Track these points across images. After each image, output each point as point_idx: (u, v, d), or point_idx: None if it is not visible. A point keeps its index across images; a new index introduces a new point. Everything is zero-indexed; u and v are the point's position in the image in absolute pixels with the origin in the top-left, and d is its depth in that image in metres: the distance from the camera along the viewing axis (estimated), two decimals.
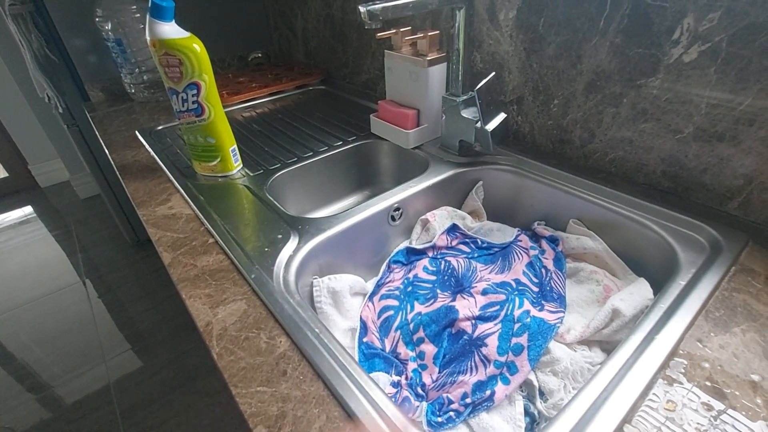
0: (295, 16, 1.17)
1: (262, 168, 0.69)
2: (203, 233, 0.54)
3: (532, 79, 0.64)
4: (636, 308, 0.43)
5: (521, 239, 0.58)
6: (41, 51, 1.15)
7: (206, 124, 0.62)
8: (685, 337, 0.36)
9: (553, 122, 0.64)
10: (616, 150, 0.58)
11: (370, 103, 0.93)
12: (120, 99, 1.10)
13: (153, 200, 0.63)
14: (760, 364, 0.33)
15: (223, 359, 0.37)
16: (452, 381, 0.42)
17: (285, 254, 0.48)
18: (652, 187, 0.56)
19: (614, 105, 0.56)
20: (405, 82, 0.68)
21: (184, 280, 0.46)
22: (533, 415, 0.40)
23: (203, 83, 0.59)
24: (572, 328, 0.46)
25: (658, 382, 0.33)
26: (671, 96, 0.50)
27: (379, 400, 0.32)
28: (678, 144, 0.51)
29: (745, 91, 0.44)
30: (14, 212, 2.13)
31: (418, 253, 0.59)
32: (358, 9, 0.47)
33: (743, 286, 0.41)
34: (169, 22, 0.56)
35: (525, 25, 0.61)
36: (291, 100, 1.02)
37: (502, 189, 0.65)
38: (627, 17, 0.50)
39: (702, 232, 0.47)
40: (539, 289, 0.51)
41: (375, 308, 0.52)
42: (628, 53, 0.52)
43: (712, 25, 0.44)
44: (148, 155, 0.77)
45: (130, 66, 1.04)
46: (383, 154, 0.77)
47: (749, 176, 0.47)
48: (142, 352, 1.33)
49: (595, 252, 0.53)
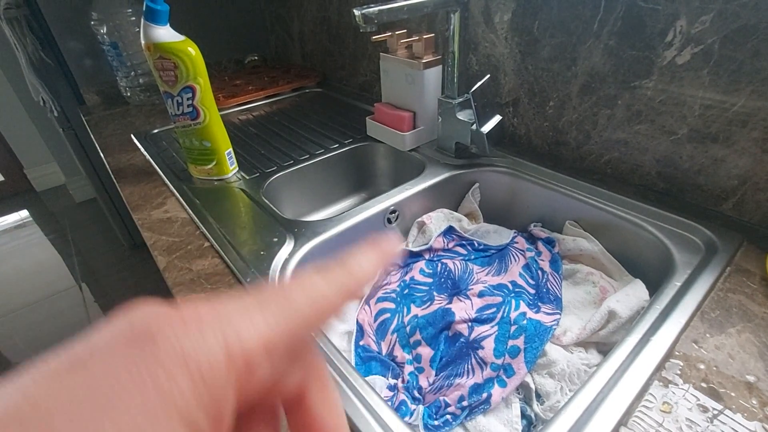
0: (292, 19, 1.18)
1: (258, 171, 0.69)
2: (199, 237, 0.54)
3: (528, 81, 0.64)
4: (632, 309, 0.43)
5: (518, 241, 0.58)
6: (36, 54, 1.14)
7: (201, 128, 0.62)
8: (680, 339, 0.36)
9: (549, 124, 0.64)
10: (611, 151, 0.58)
11: (366, 105, 0.93)
12: (115, 102, 1.10)
13: (148, 204, 0.63)
14: (756, 364, 0.34)
15: None
16: (449, 384, 0.42)
17: (281, 258, 0.48)
18: (647, 188, 0.56)
19: (609, 107, 0.56)
20: (401, 84, 0.69)
21: (179, 285, 0.46)
22: (530, 418, 0.40)
23: (198, 87, 0.59)
24: (569, 329, 0.46)
25: (654, 383, 0.33)
26: (665, 98, 0.50)
27: (375, 403, 0.32)
28: (672, 145, 0.52)
29: (738, 93, 0.45)
30: (10, 216, 2.12)
31: (415, 255, 0.58)
32: (352, 12, 0.47)
33: (738, 286, 0.41)
34: (164, 25, 0.55)
35: (520, 27, 0.62)
36: (287, 103, 1.02)
37: (499, 191, 0.65)
38: (620, 20, 0.51)
39: (697, 233, 0.47)
40: (536, 291, 0.51)
41: (371, 311, 0.52)
42: (622, 55, 0.52)
43: (705, 27, 0.44)
44: (144, 159, 0.77)
45: (125, 69, 1.03)
46: (379, 156, 0.77)
47: (743, 177, 0.47)
48: None
49: (592, 253, 0.53)
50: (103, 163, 1.06)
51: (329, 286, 0.14)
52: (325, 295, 0.14)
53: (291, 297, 0.13)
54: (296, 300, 0.13)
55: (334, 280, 0.15)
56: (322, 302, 0.14)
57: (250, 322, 0.12)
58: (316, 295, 0.14)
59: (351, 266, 0.15)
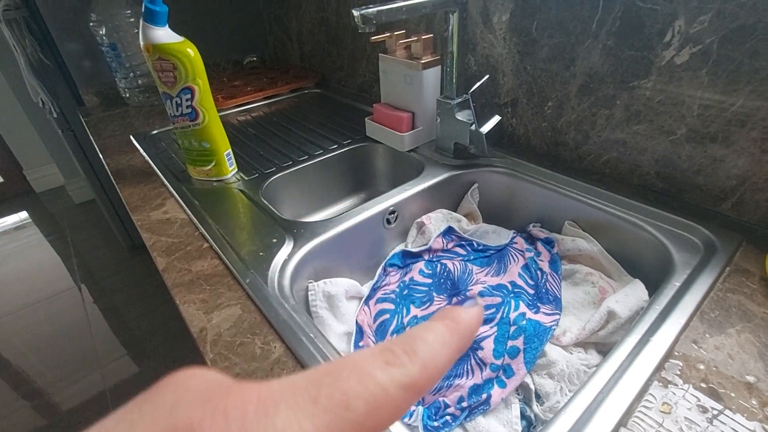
0: (290, 20, 1.18)
1: (257, 172, 0.69)
2: (198, 238, 0.54)
3: (526, 82, 0.64)
4: (631, 310, 0.43)
5: (517, 241, 0.58)
6: (35, 56, 1.14)
7: (200, 129, 0.62)
8: (680, 339, 0.36)
9: (548, 124, 0.64)
10: (610, 151, 0.58)
11: (365, 106, 0.93)
12: (114, 103, 1.10)
13: (147, 205, 0.63)
14: (756, 365, 0.34)
15: (217, 365, 0.37)
16: (448, 385, 0.42)
17: (280, 258, 0.48)
18: (646, 188, 0.56)
19: (607, 107, 0.56)
20: (400, 85, 0.69)
21: (178, 286, 0.46)
22: (529, 419, 0.40)
23: (197, 88, 0.59)
24: (568, 330, 0.45)
25: (654, 384, 0.33)
26: (664, 98, 0.50)
27: None
28: (671, 145, 0.52)
29: (737, 93, 0.45)
30: (9, 218, 2.12)
31: (414, 256, 0.58)
32: (351, 13, 0.47)
33: (738, 286, 0.41)
34: (163, 26, 0.55)
35: (518, 28, 0.62)
36: (286, 104, 1.02)
37: (498, 191, 0.65)
38: (619, 20, 0.51)
39: (696, 233, 0.47)
40: (535, 292, 0.51)
41: (371, 312, 0.52)
42: (621, 55, 0.52)
43: (703, 27, 0.44)
44: (143, 160, 0.77)
45: (124, 70, 1.03)
46: (378, 157, 0.77)
47: (742, 177, 0.47)
48: (138, 358, 1.32)
49: (591, 254, 0.53)
50: (102, 165, 1.06)
51: (393, 382, 0.12)
52: (387, 393, 0.11)
53: (347, 391, 0.11)
54: (353, 398, 0.11)
55: (400, 373, 0.12)
56: (383, 404, 0.11)
57: (297, 427, 0.10)
58: (376, 392, 0.11)
59: (422, 354, 0.12)
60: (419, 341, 0.13)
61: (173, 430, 0.10)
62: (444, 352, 0.13)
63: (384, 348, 0.12)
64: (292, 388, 0.11)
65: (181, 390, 0.11)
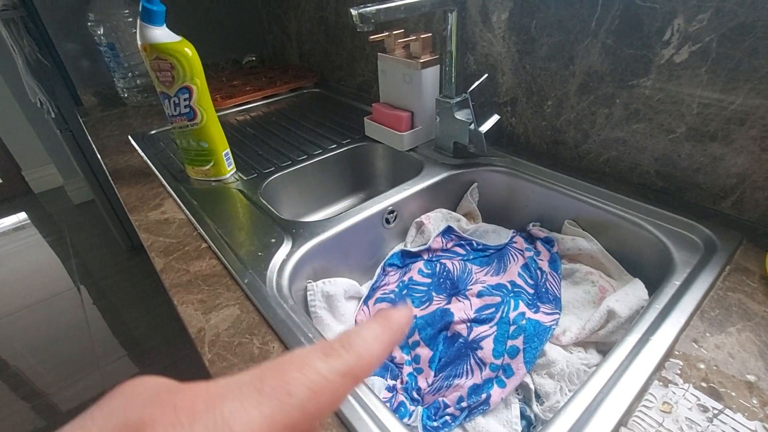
0: (289, 19, 1.17)
1: (255, 172, 0.69)
2: (196, 238, 0.54)
3: (526, 81, 0.64)
4: (631, 309, 0.43)
5: (516, 241, 0.57)
6: (33, 56, 1.14)
7: (199, 128, 0.62)
8: (680, 338, 0.36)
9: (547, 123, 0.64)
10: (609, 150, 0.58)
11: (364, 105, 0.93)
12: (113, 103, 1.10)
13: (145, 205, 0.62)
14: (756, 364, 0.33)
15: (215, 366, 0.36)
16: (448, 385, 0.42)
17: (278, 258, 0.48)
18: (646, 186, 0.56)
19: (607, 105, 0.56)
20: (398, 84, 0.68)
21: (176, 286, 0.46)
22: (529, 418, 0.40)
23: (195, 87, 0.59)
24: (568, 329, 0.45)
25: (654, 383, 0.32)
26: (663, 96, 0.50)
27: (373, 405, 0.32)
28: (671, 144, 0.52)
29: (736, 91, 0.44)
30: (8, 218, 2.12)
31: (413, 255, 0.58)
32: (350, 12, 0.47)
33: (738, 285, 0.41)
34: (161, 26, 0.55)
35: (517, 26, 0.62)
36: (285, 103, 1.02)
37: (497, 190, 0.65)
38: (618, 18, 0.50)
39: (696, 232, 0.47)
40: (534, 291, 0.51)
41: (370, 312, 0.51)
42: (620, 54, 0.52)
43: (702, 25, 0.44)
44: (141, 160, 0.77)
45: (122, 70, 1.03)
46: (378, 156, 0.77)
47: (742, 175, 0.47)
48: (137, 359, 1.32)
49: (590, 253, 0.53)
50: (100, 165, 1.06)
51: (331, 370, 0.13)
52: (326, 380, 0.13)
53: (289, 381, 0.12)
54: (295, 385, 0.12)
55: (338, 362, 0.13)
56: (324, 390, 0.12)
57: (244, 413, 0.11)
58: (316, 379, 0.12)
59: (357, 347, 0.14)
60: (354, 336, 0.14)
61: (125, 427, 0.10)
62: (377, 345, 0.14)
63: (323, 344, 0.14)
64: (238, 384, 0.12)
65: (131, 395, 0.12)
